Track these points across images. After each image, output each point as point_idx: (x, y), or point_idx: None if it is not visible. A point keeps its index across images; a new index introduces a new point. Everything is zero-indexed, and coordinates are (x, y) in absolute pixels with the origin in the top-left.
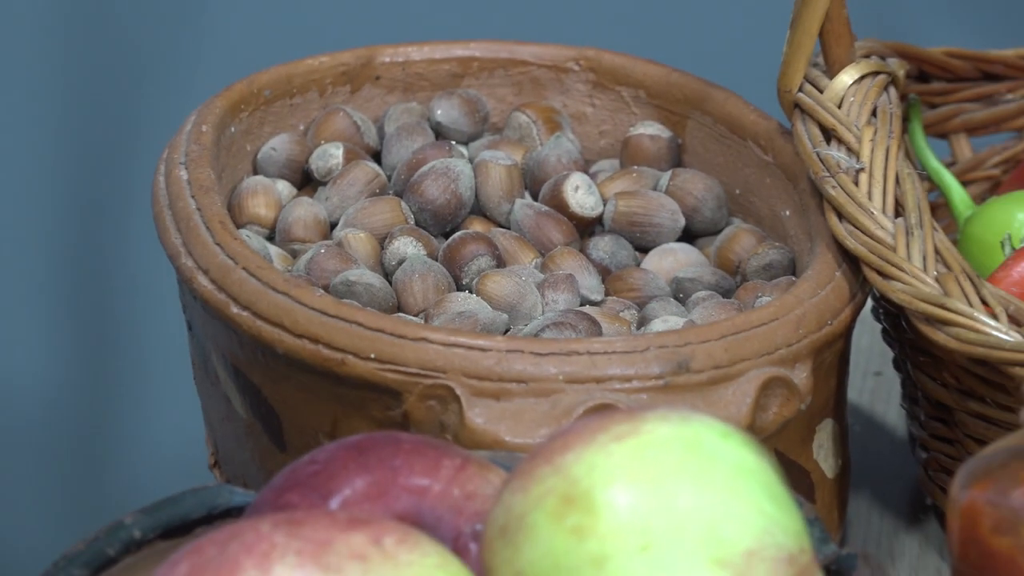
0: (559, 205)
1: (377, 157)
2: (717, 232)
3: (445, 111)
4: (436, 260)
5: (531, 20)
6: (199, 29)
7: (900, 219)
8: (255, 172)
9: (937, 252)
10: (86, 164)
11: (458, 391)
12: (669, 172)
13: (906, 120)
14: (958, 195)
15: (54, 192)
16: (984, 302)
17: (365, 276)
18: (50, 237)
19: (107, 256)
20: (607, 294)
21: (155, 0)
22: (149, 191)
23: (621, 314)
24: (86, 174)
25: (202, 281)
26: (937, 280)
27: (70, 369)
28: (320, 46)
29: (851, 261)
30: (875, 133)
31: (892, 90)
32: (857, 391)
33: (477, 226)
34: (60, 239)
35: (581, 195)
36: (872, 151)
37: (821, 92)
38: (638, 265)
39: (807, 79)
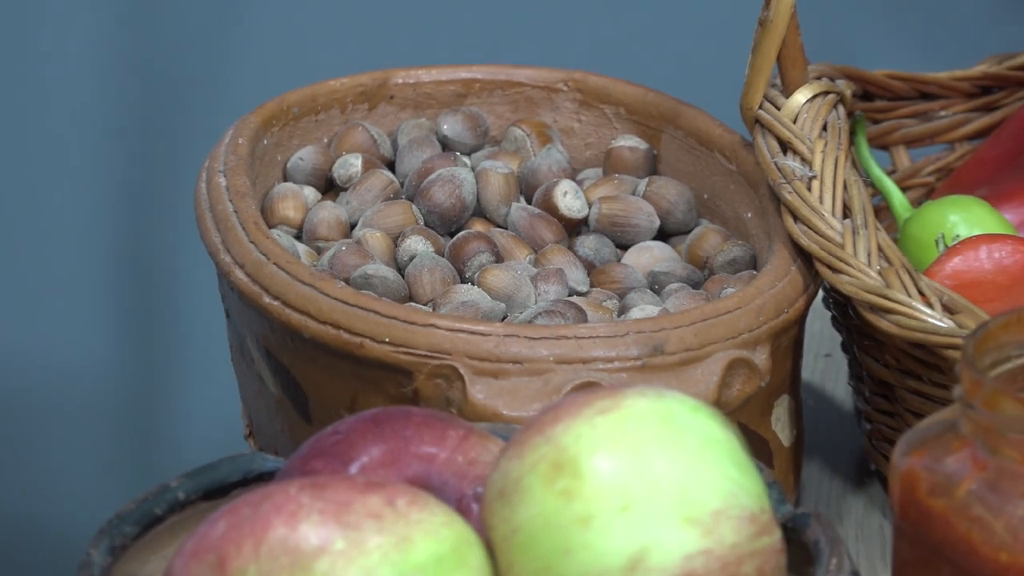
0: (550, 208)
1: (391, 166)
2: (688, 232)
3: (451, 126)
4: (443, 256)
5: (526, 46)
6: (236, 55)
7: (847, 220)
8: (285, 179)
9: (880, 249)
10: (139, 173)
11: (462, 371)
12: (646, 179)
13: (852, 134)
14: (898, 199)
15: (112, 199)
16: (921, 293)
17: (381, 270)
18: (108, 238)
19: (156, 254)
20: (592, 286)
21: (198, 31)
22: (192, 196)
23: (604, 303)
24: (138, 182)
25: (238, 274)
26: (880, 274)
27: (124, 353)
28: (341, 69)
29: (805, 257)
30: (826, 145)
31: (840, 107)
32: (810, 371)
33: (478, 226)
34: (116, 240)
35: (569, 199)
36: (823, 161)
37: (779, 109)
38: (619, 261)
39: (766, 98)
